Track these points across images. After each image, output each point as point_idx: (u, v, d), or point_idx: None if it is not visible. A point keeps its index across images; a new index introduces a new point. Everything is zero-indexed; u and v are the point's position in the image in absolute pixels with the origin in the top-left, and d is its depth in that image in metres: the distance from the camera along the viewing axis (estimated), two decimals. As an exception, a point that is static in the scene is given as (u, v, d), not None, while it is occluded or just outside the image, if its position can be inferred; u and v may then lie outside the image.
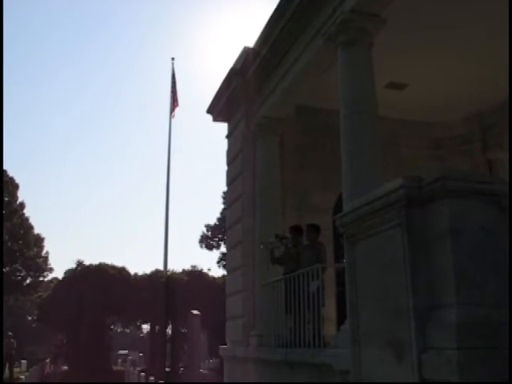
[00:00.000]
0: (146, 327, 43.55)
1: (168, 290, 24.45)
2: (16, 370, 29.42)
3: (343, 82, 8.32)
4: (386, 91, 10.51)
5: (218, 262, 32.38)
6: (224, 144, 13.78)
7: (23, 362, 32.39)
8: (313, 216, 10.80)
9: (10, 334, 29.41)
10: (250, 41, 11.55)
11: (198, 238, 36.14)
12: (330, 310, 9.35)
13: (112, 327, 40.49)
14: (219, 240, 32.88)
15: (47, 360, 35.08)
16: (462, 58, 9.95)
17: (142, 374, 22.08)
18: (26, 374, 26.29)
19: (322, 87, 10.30)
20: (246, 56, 11.59)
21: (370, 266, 5.38)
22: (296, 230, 9.58)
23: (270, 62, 10.87)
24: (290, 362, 8.27)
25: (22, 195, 63.50)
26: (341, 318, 8.11)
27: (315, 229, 9.16)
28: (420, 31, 9.08)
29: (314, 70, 9.87)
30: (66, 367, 33.53)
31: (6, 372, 27.41)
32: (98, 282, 30.62)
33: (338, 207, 9.31)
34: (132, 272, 34.86)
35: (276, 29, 10.08)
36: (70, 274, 34.35)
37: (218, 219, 32.79)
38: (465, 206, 4.58)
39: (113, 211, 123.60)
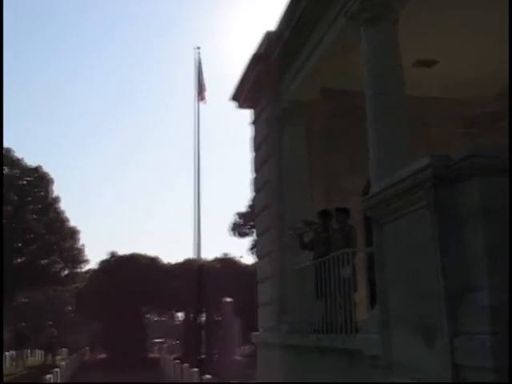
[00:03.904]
0: (180, 315, 44.00)
1: (201, 278, 24.55)
2: (58, 357, 30.04)
3: (368, 61, 8.10)
4: (413, 69, 10.23)
5: (251, 249, 32.41)
6: (250, 131, 13.69)
7: (64, 350, 33.01)
8: (342, 200, 10.60)
9: (51, 323, 30.06)
10: (272, 25, 11.37)
11: (227, 225, 36.35)
12: (362, 294, 9.19)
13: (147, 316, 41.01)
14: (251, 227, 32.90)
15: (86, 348, 35.73)
16: (492, 31, 9.58)
17: (177, 361, 22.27)
18: (67, 361, 26.78)
19: (347, 68, 10.08)
20: (269, 40, 11.41)
21: (398, 249, 5.23)
22: (325, 214, 9.42)
23: (293, 44, 10.68)
24: (322, 347, 8.17)
25: (56, 189, 64.70)
26: (373, 303, 7.97)
27: (345, 212, 8.98)
28: (447, 5, 8.76)
29: (338, 50, 9.66)
30: (103, 355, 34.10)
31: (49, 359, 28.08)
32: (131, 272, 30.96)
33: (367, 190, 9.13)
34: (165, 261, 35.16)
35: (297, 10, 9.88)
36: (104, 264, 34.79)
37: (250, 206, 32.78)
38: (495, 185, 4.39)
39: (144, 201, 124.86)
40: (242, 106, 13.93)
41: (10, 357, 30.50)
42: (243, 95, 13.47)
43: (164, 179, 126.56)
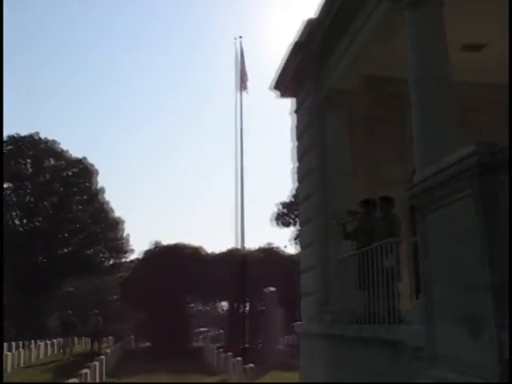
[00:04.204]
0: (224, 305, 44.30)
1: (244, 268, 24.65)
2: (104, 345, 30.68)
3: (412, 46, 7.89)
4: (460, 53, 9.94)
5: (295, 239, 32.35)
6: (291, 120, 13.59)
7: (110, 338, 33.70)
8: (386, 189, 10.42)
9: (96, 311, 30.69)
10: (313, 12, 11.21)
11: (269, 216, 36.38)
12: (405, 284, 9.04)
13: (192, 305, 41.45)
14: (295, 217, 32.84)
15: (131, 336, 36.35)
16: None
17: (221, 350, 22.41)
18: (112, 348, 27.32)
19: (389, 55, 9.88)
20: (310, 28, 11.27)
21: (442, 238, 5.09)
22: (368, 203, 9.30)
23: (334, 31, 10.51)
24: (364, 338, 8.08)
25: (101, 180, 65.89)
26: (418, 294, 7.82)
27: (388, 201, 8.83)
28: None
29: (380, 36, 9.44)
30: (148, 343, 34.62)
31: (95, 346, 28.73)
32: (175, 262, 31.26)
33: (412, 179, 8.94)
34: (208, 251, 35.39)
35: (339, -4, 9.71)
36: (148, 254, 35.22)
37: (293, 196, 32.70)
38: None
39: (187, 192, 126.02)
40: (283, 94, 13.84)
41: (58, 344, 31.42)
42: (285, 84, 13.37)
43: (207, 169, 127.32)
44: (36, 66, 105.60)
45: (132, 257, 53.45)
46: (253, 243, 34.56)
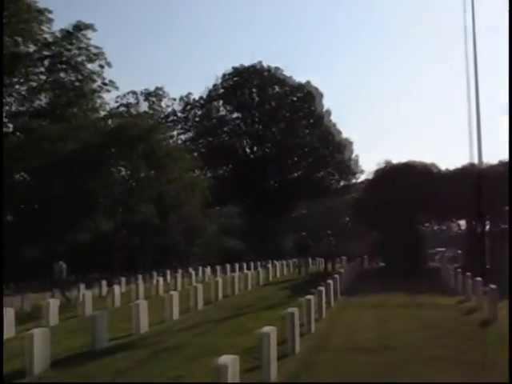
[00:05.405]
0: (461, 224, 41.99)
1: (482, 184, 22.63)
2: (337, 265, 31.05)
3: None
4: None
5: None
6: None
7: (343, 258, 34.03)
8: None
9: (329, 232, 30.93)
10: None
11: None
12: None
13: (427, 224, 39.87)
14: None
15: (364, 256, 36.37)
16: None
17: (459, 270, 21.04)
18: (346, 268, 27.47)
19: None
20: None
21: None
22: None
23: None
24: None
25: (326, 103, 65.96)
26: None
27: None
28: None
29: None
30: (382, 263, 34.31)
31: (329, 266, 29.09)
32: (407, 180, 29.97)
33: None
34: (442, 167, 33.34)
35: None
36: (379, 174, 34.31)
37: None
38: None
39: (417, 107, 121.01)
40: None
41: (293, 264, 32.60)
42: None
43: (437, 80, 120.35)
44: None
45: (362, 178, 53.11)
46: (495, 157, 31.50)
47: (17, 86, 43.37)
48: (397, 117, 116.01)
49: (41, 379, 9.09)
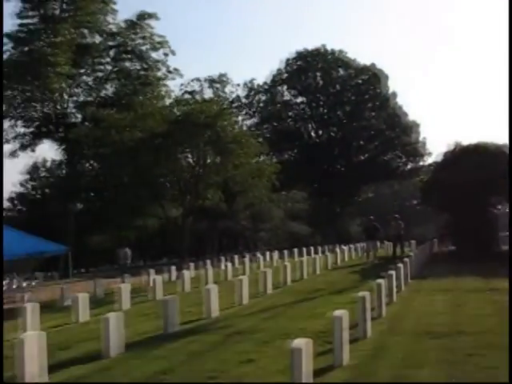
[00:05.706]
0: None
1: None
2: (406, 249, 30.54)
3: None
4: None
5: None
6: None
7: (412, 241, 33.39)
8: None
9: (397, 216, 30.40)
10: None
11: None
12: None
13: (499, 207, 38.52)
14: None
15: (434, 240, 35.58)
16: None
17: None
18: (415, 251, 26.94)
19: None
20: None
21: None
22: None
23: None
24: None
25: (392, 85, 64.59)
26: None
27: None
28: None
29: None
30: (452, 247, 33.48)
31: (397, 250, 28.62)
32: (477, 162, 28.96)
33: None
34: (514, 147, 32.00)
35: None
36: (448, 155, 33.39)
37: None
38: None
39: (486, 85, 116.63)
40: None
41: (361, 248, 32.29)
42: None
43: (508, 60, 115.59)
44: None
45: (430, 160, 51.80)
46: None
47: (84, 77, 44.76)
48: (466, 98, 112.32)
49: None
